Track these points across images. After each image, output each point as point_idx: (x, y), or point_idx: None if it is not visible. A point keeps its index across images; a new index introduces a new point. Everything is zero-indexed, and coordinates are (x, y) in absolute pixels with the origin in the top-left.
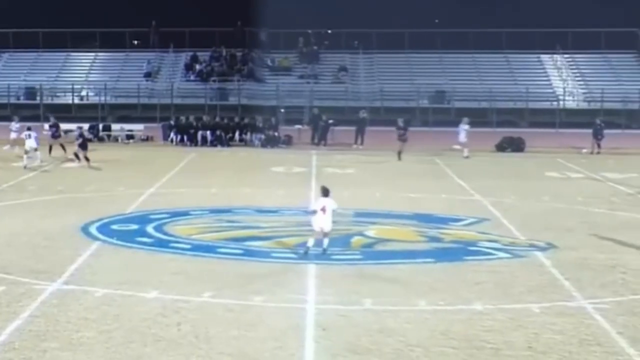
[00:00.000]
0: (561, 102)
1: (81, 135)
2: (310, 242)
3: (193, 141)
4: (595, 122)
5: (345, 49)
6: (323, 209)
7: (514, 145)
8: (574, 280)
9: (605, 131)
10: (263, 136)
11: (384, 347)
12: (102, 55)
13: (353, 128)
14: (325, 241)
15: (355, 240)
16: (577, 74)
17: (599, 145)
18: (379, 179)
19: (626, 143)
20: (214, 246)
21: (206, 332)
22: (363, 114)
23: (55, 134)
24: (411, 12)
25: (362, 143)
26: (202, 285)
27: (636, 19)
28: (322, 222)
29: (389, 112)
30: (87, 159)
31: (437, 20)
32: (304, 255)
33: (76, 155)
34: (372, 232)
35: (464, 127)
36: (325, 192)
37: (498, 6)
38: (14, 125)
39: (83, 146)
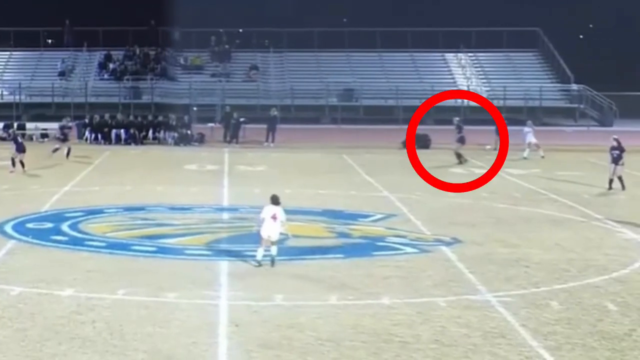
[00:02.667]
0: (465, 100)
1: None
2: (260, 254)
3: (107, 139)
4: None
5: (256, 47)
6: (274, 217)
7: (419, 142)
8: (479, 274)
9: (508, 128)
10: (176, 134)
11: (295, 342)
12: (16, 54)
13: (264, 126)
14: (273, 249)
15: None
16: (481, 72)
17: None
18: (289, 176)
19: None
20: (128, 244)
21: (121, 329)
22: (274, 112)
23: None
24: (320, 11)
25: (273, 141)
26: (117, 283)
27: (537, 19)
28: (270, 230)
29: (299, 110)
30: (22, 163)
31: (345, 20)
32: (258, 266)
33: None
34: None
35: (528, 130)
36: (275, 201)
37: (404, 6)
38: None
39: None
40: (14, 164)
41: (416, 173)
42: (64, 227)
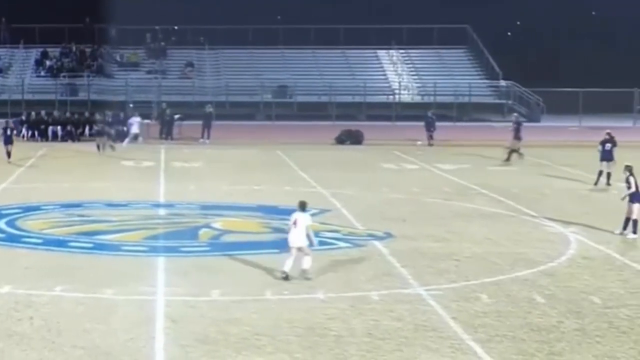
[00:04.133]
0: (397, 96)
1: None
2: (288, 266)
3: (44, 136)
4: (427, 114)
5: (191, 44)
6: (295, 223)
7: (352, 138)
8: (411, 268)
9: (438, 123)
10: (113, 131)
11: (231, 337)
12: None
13: (200, 122)
14: (306, 260)
15: (203, 232)
16: (412, 69)
17: (431, 137)
18: (225, 173)
19: (457, 135)
20: (65, 240)
21: (58, 325)
22: (209, 109)
23: None
24: (254, 8)
25: (208, 137)
26: (54, 280)
27: (466, 16)
28: (291, 237)
29: (234, 107)
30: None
31: (279, 17)
32: (284, 279)
33: None
34: (218, 224)
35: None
36: (301, 206)
37: (336, 3)
38: None
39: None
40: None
41: (350, 169)
42: (1, 224)
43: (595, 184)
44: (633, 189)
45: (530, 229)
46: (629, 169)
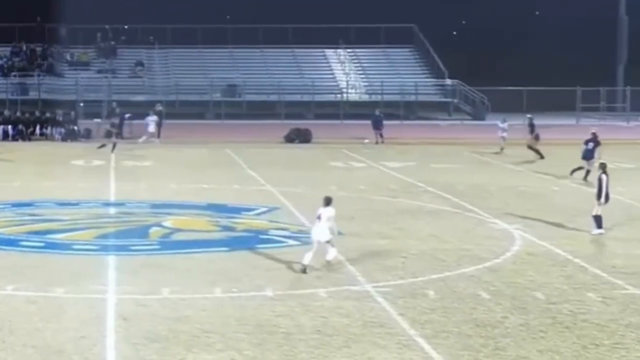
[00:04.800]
0: (344, 95)
1: None
2: (307, 259)
3: None
4: (375, 113)
5: (141, 44)
6: (319, 217)
7: (301, 136)
8: (359, 265)
9: (385, 122)
10: (63, 130)
11: (181, 335)
12: None
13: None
14: (330, 252)
15: (154, 231)
16: (359, 68)
17: (381, 136)
18: (175, 171)
19: (404, 133)
20: (16, 239)
21: (10, 325)
22: (158, 108)
23: None
24: (204, 8)
25: (158, 136)
26: (5, 279)
27: (412, 15)
28: (315, 231)
29: (183, 106)
30: None
31: (228, 17)
32: (302, 272)
33: None
34: (168, 222)
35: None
36: (326, 202)
37: (284, 2)
38: None
39: None
40: None
41: (299, 167)
42: None
43: (571, 173)
44: (604, 189)
45: (476, 225)
46: (602, 166)
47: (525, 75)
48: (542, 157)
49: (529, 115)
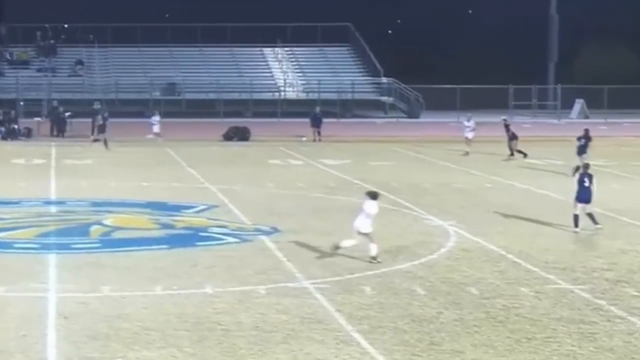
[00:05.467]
0: (282, 93)
1: None
2: (344, 243)
3: None
4: (314, 111)
5: (81, 42)
6: (362, 210)
7: (239, 134)
8: (297, 262)
9: (323, 120)
10: (3, 129)
11: (121, 332)
12: None
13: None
14: (372, 247)
15: (94, 229)
16: (297, 66)
17: (319, 133)
18: (115, 169)
19: (341, 131)
20: None
21: None
22: (97, 106)
23: None
24: (143, 7)
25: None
26: None
27: (348, 14)
28: (356, 222)
29: (123, 104)
30: None
31: (167, 15)
32: (334, 250)
33: None
34: (109, 221)
35: (467, 124)
36: (370, 195)
37: (223, 1)
38: None
39: None
40: None
41: (237, 165)
42: None
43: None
44: (592, 186)
45: (411, 222)
46: (585, 166)
47: (459, 73)
48: (524, 155)
49: (503, 117)
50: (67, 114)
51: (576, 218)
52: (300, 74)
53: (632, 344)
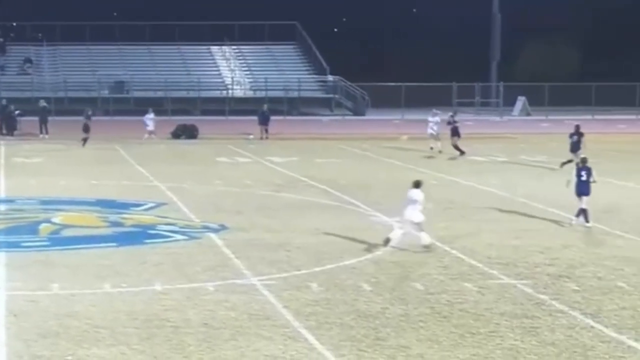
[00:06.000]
0: (230, 91)
1: None
2: (394, 234)
3: None
4: (261, 109)
5: (30, 41)
6: (411, 200)
7: (187, 132)
8: (244, 259)
9: (270, 117)
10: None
11: (71, 330)
12: None
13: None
14: (423, 237)
15: (43, 227)
16: (244, 64)
17: (266, 131)
18: (64, 167)
19: (288, 129)
20: None
21: None
22: (42, 104)
23: None
24: (91, 5)
25: (47, 132)
26: None
27: (295, 13)
28: (407, 212)
29: (72, 102)
30: None
31: (115, 14)
32: (385, 243)
33: None
34: (58, 219)
35: (432, 119)
36: (415, 184)
37: (171, 0)
38: None
39: None
40: None
41: (185, 163)
42: None
43: (561, 166)
44: (593, 179)
45: (357, 218)
46: (583, 161)
47: (403, 71)
48: (462, 152)
49: (450, 114)
50: (17, 112)
51: (584, 212)
52: (248, 72)
53: (573, 337)
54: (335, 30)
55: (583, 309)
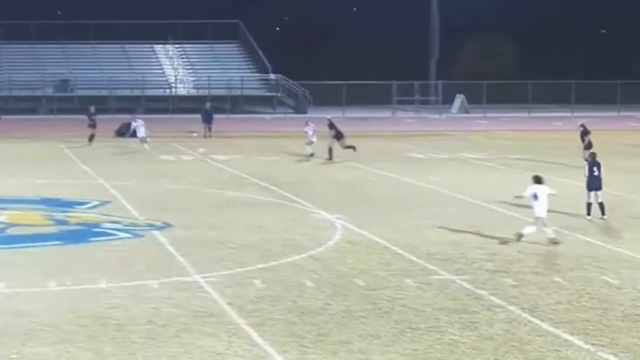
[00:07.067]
0: (173, 89)
1: None
2: (527, 230)
3: None
4: (205, 107)
5: None
6: (535, 196)
7: (132, 131)
8: (189, 256)
9: (214, 115)
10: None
11: (16, 329)
12: None
13: None
14: (547, 230)
15: None
16: (187, 63)
17: (209, 129)
18: (8, 166)
19: (231, 126)
20: None
21: None
22: None
23: None
24: (35, 3)
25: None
26: None
27: (237, 12)
28: (537, 209)
29: (17, 101)
30: None
31: (59, 12)
32: (517, 240)
33: None
34: (3, 217)
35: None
36: (538, 180)
37: None
38: None
39: None
40: None
41: (129, 161)
42: None
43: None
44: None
45: (299, 216)
46: (593, 156)
47: (344, 69)
48: (354, 148)
49: (328, 117)
50: None
51: (589, 206)
52: (191, 71)
53: (511, 332)
54: (277, 29)
55: (520, 303)
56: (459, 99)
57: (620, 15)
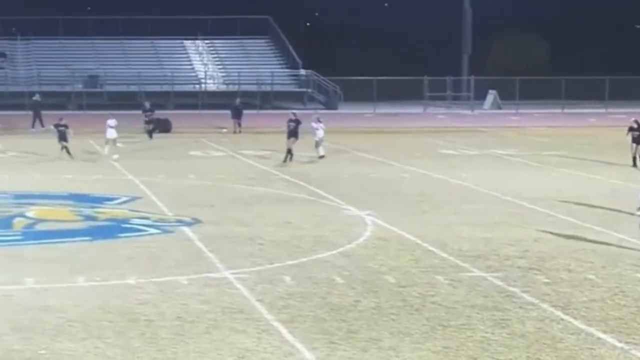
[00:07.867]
0: (203, 85)
1: None
2: None
3: None
4: (234, 103)
5: (3, 35)
6: None
7: (161, 126)
8: (218, 252)
9: (244, 111)
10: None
11: (45, 324)
12: None
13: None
14: None
15: (17, 221)
16: (217, 59)
17: (239, 125)
18: (38, 161)
19: (261, 122)
20: None
21: None
22: (37, 98)
23: None
24: None
25: (42, 125)
26: None
27: (267, 7)
28: None
29: (46, 97)
30: None
31: (89, 8)
32: None
33: None
34: (31, 213)
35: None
36: None
37: None
38: None
39: None
40: None
41: (159, 157)
42: None
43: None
44: None
45: (329, 212)
46: None
47: (375, 65)
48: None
49: (292, 111)
50: None
51: None
52: (221, 66)
53: (543, 329)
54: (308, 24)
55: (553, 301)
56: (492, 94)
57: None
